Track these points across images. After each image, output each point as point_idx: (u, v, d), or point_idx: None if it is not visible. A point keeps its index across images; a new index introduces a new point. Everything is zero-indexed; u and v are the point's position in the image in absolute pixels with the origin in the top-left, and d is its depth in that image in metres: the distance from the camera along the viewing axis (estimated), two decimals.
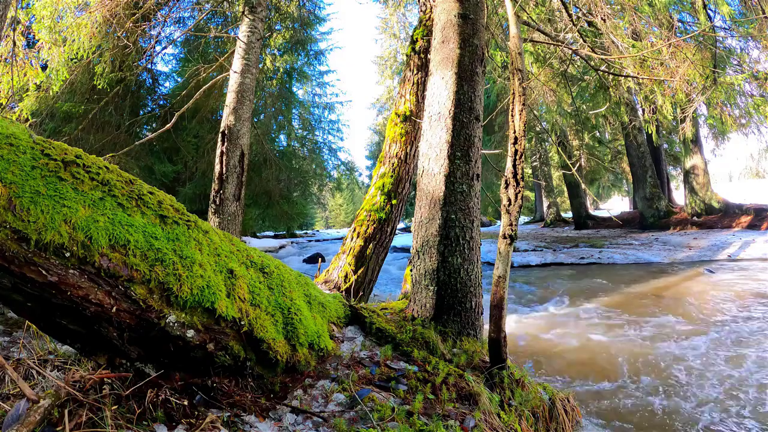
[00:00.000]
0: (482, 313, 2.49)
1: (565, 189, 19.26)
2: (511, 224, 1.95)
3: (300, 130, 18.04)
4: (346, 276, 3.59)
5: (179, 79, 12.38)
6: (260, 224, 17.01)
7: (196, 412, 1.33)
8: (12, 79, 4.87)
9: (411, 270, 2.59)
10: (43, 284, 1.09)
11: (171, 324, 1.29)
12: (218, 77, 5.52)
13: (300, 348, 1.67)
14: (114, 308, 1.19)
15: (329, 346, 1.86)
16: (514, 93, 2.04)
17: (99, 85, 5.98)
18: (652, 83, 5.10)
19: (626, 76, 5.04)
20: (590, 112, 9.51)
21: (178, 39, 11.60)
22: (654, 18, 5.26)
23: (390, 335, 2.09)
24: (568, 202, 20.11)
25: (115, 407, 1.23)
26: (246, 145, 4.70)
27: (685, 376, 3.08)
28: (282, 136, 17.35)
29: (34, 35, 4.89)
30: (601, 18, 4.78)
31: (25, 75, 5.08)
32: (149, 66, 11.19)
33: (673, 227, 12.94)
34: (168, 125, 5.06)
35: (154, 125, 11.76)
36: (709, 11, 5.97)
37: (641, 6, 5.00)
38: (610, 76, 5.69)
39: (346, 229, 37.80)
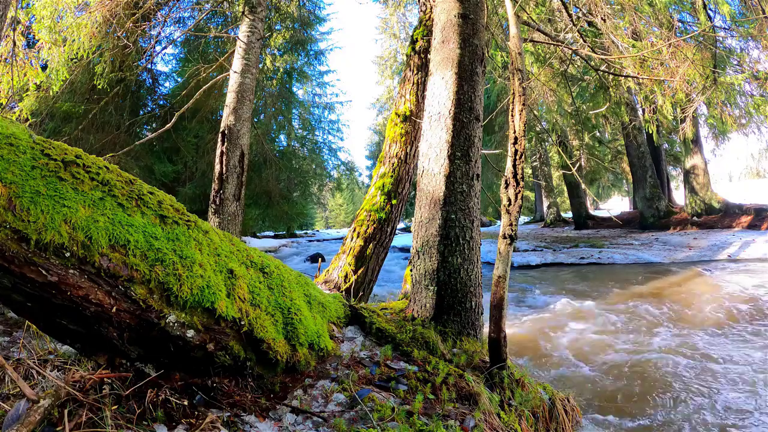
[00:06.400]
0: (482, 313, 2.49)
1: (565, 189, 19.25)
2: (511, 224, 1.94)
3: (300, 130, 18.02)
4: (346, 276, 3.59)
5: (179, 79, 12.37)
6: (260, 224, 16.99)
7: (196, 412, 1.33)
8: (12, 79, 4.87)
9: (411, 270, 2.59)
10: (43, 284, 1.09)
11: (171, 324, 1.29)
12: (218, 77, 5.52)
13: (300, 348, 1.67)
14: (114, 308, 1.19)
15: (329, 346, 1.86)
16: (514, 93, 2.04)
17: (99, 85, 5.98)
18: (652, 83, 5.10)
19: (626, 76, 5.04)
20: (590, 112, 9.51)
21: (178, 39, 11.59)
22: (654, 18, 5.26)
23: (390, 335, 2.09)
24: (568, 202, 20.09)
25: (115, 407, 1.23)
26: (246, 145, 4.69)
27: (682, 375, 3.08)
28: (282, 136, 17.33)
29: (34, 35, 4.88)
30: (601, 18, 4.78)
31: (25, 75, 5.08)
32: (149, 66, 11.19)
33: (673, 227, 12.93)
34: (168, 125, 5.06)
35: (154, 125, 11.75)
36: (709, 11, 5.97)
37: (641, 6, 5.00)
38: (610, 76, 5.69)
39: (346, 229, 37.78)
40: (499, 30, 5.69)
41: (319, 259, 4.82)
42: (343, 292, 3.41)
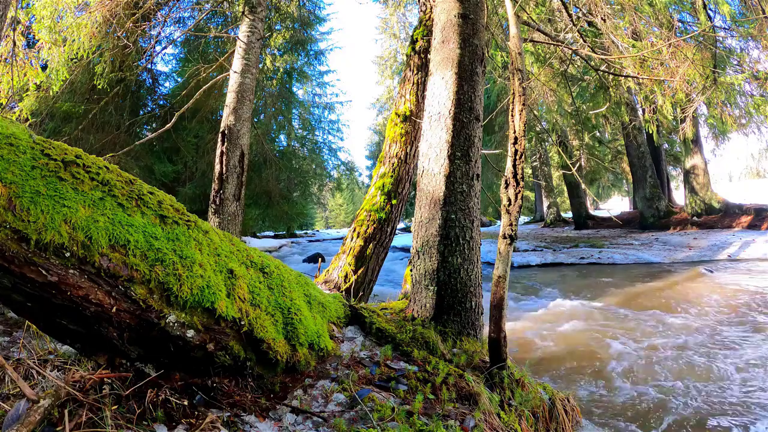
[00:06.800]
0: (482, 313, 2.49)
1: (565, 189, 19.25)
2: (511, 224, 1.94)
3: (300, 130, 18.02)
4: (346, 276, 3.59)
5: (179, 79, 12.37)
6: (260, 224, 16.99)
7: (196, 412, 1.33)
8: (12, 79, 4.87)
9: (411, 270, 2.59)
10: (43, 284, 1.09)
11: (171, 324, 1.29)
12: (218, 77, 5.52)
13: (300, 348, 1.67)
14: (114, 308, 1.19)
15: (329, 346, 1.86)
16: (514, 93, 2.04)
17: (99, 85, 5.98)
18: (652, 83, 5.10)
19: (626, 76, 5.04)
20: (590, 112, 9.51)
21: (178, 39, 11.59)
22: (654, 18, 5.26)
23: (390, 335, 2.09)
24: (568, 202, 20.09)
25: (115, 407, 1.23)
26: (246, 145, 4.69)
27: (681, 376, 3.08)
28: (282, 136, 17.33)
29: (34, 35, 4.88)
30: (601, 18, 4.78)
31: (25, 75, 5.08)
32: (149, 66, 11.19)
33: (673, 227, 12.93)
34: (168, 125, 5.06)
35: (154, 125, 11.75)
36: (709, 11, 5.97)
37: (641, 6, 5.00)
38: (610, 76, 5.69)
39: (346, 229, 37.78)
40: (499, 30, 5.69)
41: (319, 259, 4.82)
42: (343, 292, 3.41)
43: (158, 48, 7.92)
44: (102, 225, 1.17)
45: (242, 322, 1.46)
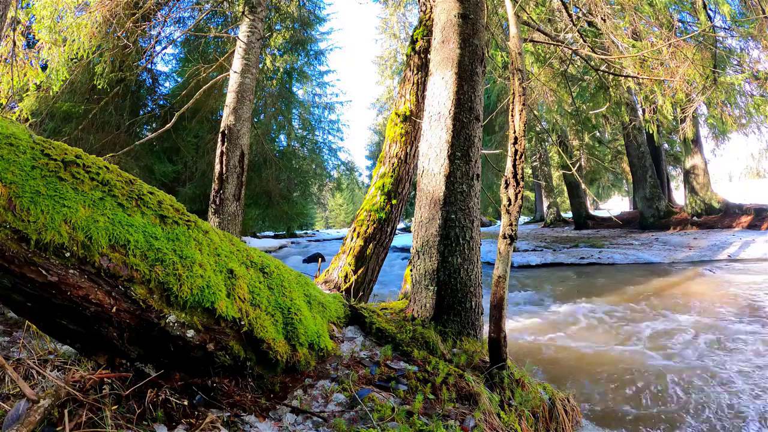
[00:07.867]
0: (482, 313, 2.49)
1: (565, 189, 19.25)
2: (511, 224, 1.94)
3: (300, 130, 18.02)
4: (346, 276, 3.59)
5: (179, 79, 12.37)
6: (260, 224, 16.99)
7: (196, 412, 1.33)
8: (12, 79, 4.87)
9: (411, 270, 2.59)
10: (43, 284, 1.09)
11: (171, 324, 1.29)
12: (218, 77, 5.52)
13: (300, 348, 1.67)
14: (114, 308, 1.19)
15: (329, 346, 1.86)
16: (514, 93, 2.04)
17: (99, 85, 5.98)
18: (652, 83, 5.10)
19: (626, 76, 5.04)
20: (590, 112, 9.51)
21: (178, 39, 11.59)
22: (654, 18, 5.26)
23: (390, 335, 2.09)
24: (568, 202, 20.09)
25: (115, 407, 1.23)
26: (246, 145, 4.69)
27: (681, 376, 3.08)
28: (282, 136, 17.33)
29: (34, 35, 4.88)
30: (601, 18, 4.78)
31: (25, 75, 5.08)
32: (149, 66, 11.18)
33: (673, 227, 12.93)
34: (168, 125, 5.06)
35: (154, 125, 11.74)
36: (709, 11, 5.97)
37: (641, 6, 5.00)
38: (610, 76, 5.69)
39: (346, 229, 37.78)
40: (499, 30, 5.69)
41: (319, 259, 4.82)
42: (343, 292, 3.41)
43: (158, 48, 7.92)
44: (102, 225, 1.17)
45: (242, 322, 1.46)
